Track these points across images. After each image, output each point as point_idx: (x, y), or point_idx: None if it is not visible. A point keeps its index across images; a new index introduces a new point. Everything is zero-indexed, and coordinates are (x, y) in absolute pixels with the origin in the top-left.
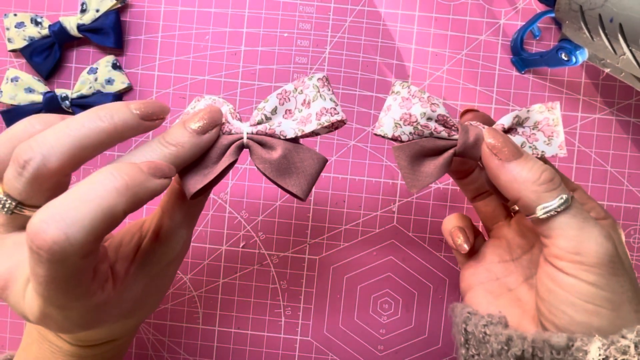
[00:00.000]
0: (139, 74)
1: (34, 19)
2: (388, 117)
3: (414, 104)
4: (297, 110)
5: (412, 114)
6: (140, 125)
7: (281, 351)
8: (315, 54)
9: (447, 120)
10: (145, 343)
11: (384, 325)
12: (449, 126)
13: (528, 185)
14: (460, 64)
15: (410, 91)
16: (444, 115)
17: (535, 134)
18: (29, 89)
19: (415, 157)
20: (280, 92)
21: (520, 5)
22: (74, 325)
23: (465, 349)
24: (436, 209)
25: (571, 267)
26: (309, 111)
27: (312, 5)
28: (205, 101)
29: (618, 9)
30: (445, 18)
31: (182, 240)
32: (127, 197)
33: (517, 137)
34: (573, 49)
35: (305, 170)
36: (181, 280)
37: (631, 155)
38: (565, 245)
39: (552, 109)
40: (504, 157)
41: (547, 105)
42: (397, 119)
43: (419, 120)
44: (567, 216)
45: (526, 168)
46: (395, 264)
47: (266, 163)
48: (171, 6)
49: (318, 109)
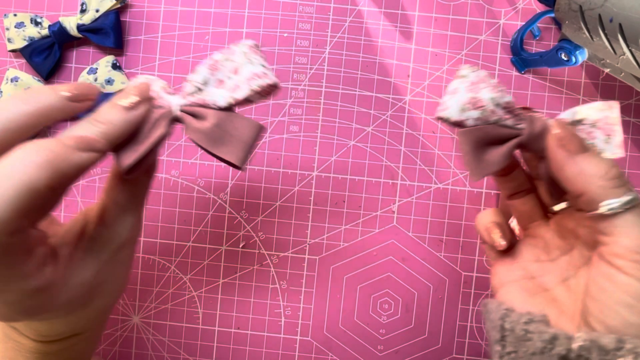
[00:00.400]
0: (139, 74)
1: (33, 19)
2: (454, 100)
3: (482, 88)
4: (227, 78)
5: (481, 98)
6: (66, 107)
7: (281, 351)
8: (315, 54)
9: (514, 109)
10: (145, 343)
11: (383, 325)
12: (515, 114)
13: (595, 179)
14: (460, 64)
15: (480, 75)
16: (512, 103)
17: (593, 132)
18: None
19: (480, 143)
20: (209, 61)
21: (520, 5)
22: (15, 311)
23: (502, 346)
24: (436, 209)
25: (631, 267)
26: (238, 77)
27: (312, 5)
28: (139, 80)
29: (618, 9)
30: (445, 18)
31: (128, 224)
32: (49, 172)
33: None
34: (573, 49)
35: (241, 138)
36: (181, 280)
37: (631, 156)
38: (628, 243)
39: (611, 108)
40: (571, 149)
41: (606, 103)
42: (464, 102)
43: (487, 105)
44: (632, 214)
45: (594, 162)
46: (395, 264)
47: (199, 133)
48: (171, 6)
49: (248, 74)
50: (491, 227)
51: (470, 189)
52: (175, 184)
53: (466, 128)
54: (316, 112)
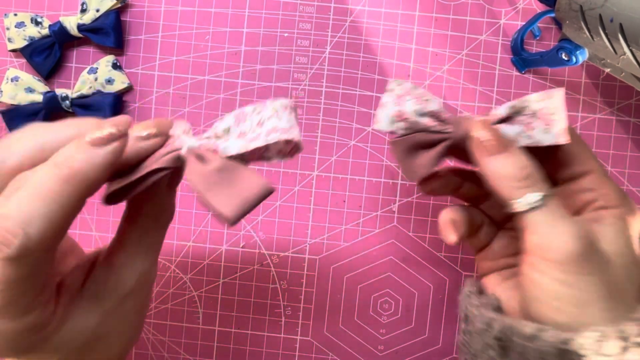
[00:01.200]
0: (139, 73)
1: (34, 18)
2: (384, 114)
3: (406, 101)
4: (250, 130)
5: (405, 110)
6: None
7: (281, 351)
8: (316, 54)
9: (440, 114)
10: (146, 343)
11: (384, 325)
12: (441, 120)
13: (504, 180)
14: (461, 64)
15: (404, 88)
16: (437, 110)
17: (532, 123)
18: (29, 88)
19: (410, 150)
20: (238, 112)
21: (521, 5)
22: (5, 346)
23: (465, 323)
24: (436, 208)
25: (540, 263)
26: (260, 129)
27: (312, 5)
28: (175, 123)
29: (618, 9)
30: (445, 18)
31: (136, 271)
32: (75, 183)
33: (515, 125)
34: (573, 49)
35: (241, 192)
36: (181, 280)
37: (631, 156)
38: (536, 241)
39: (552, 97)
40: (489, 149)
41: (547, 92)
42: (392, 114)
43: (410, 117)
44: (539, 213)
45: (507, 163)
46: (395, 264)
47: (198, 175)
48: (171, 6)
49: (270, 127)
50: (445, 225)
51: None
52: None
53: (396, 138)
54: (316, 112)
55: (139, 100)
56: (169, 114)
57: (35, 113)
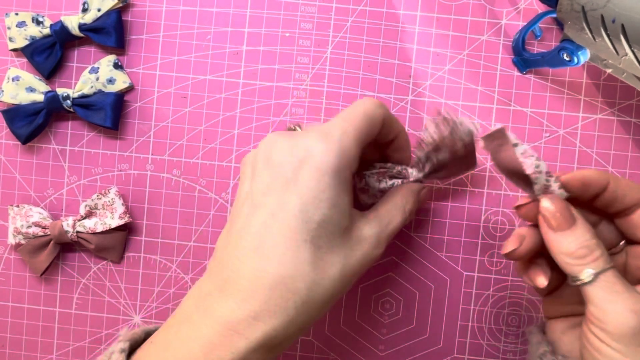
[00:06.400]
0: (140, 73)
1: (35, 18)
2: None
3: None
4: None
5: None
6: None
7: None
8: (317, 54)
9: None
10: None
11: (385, 325)
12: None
13: (564, 257)
14: (462, 64)
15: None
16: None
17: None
18: (30, 88)
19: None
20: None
21: (522, 5)
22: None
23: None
24: (437, 208)
25: (599, 332)
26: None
27: (313, 5)
28: None
29: (620, 9)
30: (446, 18)
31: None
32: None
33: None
34: (575, 49)
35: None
36: (182, 280)
37: (632, 156)
38: (594, 312)
39: (531, 156)
40: (552, 224)
41: (525, 150)
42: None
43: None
44: (595, 287)
45: (567, 240)
46: (396, 263)
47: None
48: (173, 6)
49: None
50: (534, 269)
51: (471, 189)
52: (176, 183)
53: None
54: (318, 112)
55: (140, 100)
56: (170, 114)
57: (36, 112)
